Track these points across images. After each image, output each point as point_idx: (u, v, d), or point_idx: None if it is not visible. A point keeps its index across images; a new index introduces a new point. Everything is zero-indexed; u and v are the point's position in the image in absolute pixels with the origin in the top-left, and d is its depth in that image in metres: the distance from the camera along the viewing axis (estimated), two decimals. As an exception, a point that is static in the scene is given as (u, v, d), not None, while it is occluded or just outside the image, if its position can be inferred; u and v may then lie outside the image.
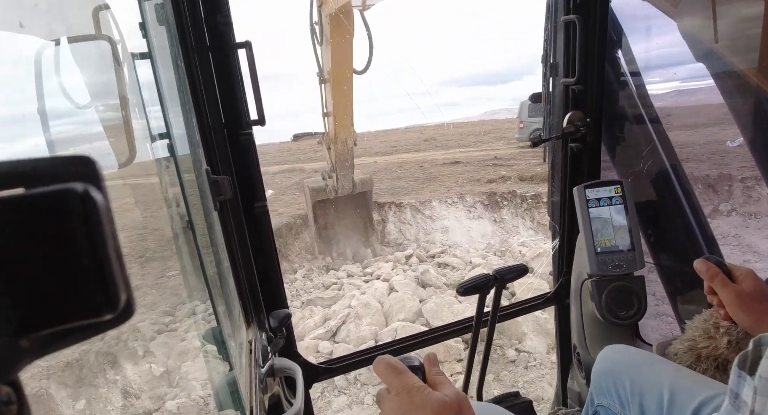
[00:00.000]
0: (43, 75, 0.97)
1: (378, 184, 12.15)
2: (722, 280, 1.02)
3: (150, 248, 6.20)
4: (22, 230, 0.17)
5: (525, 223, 9.82)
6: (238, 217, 1.27)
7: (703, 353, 1.16)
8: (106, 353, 4.20)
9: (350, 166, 8.26)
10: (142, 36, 1.01)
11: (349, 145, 7.92)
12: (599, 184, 1.59)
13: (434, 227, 9.85)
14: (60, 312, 0.17)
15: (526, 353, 4.54)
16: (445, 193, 10.93)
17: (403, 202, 10.30)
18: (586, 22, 1.59)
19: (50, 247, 0.17)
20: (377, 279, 6.97)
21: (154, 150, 1.09)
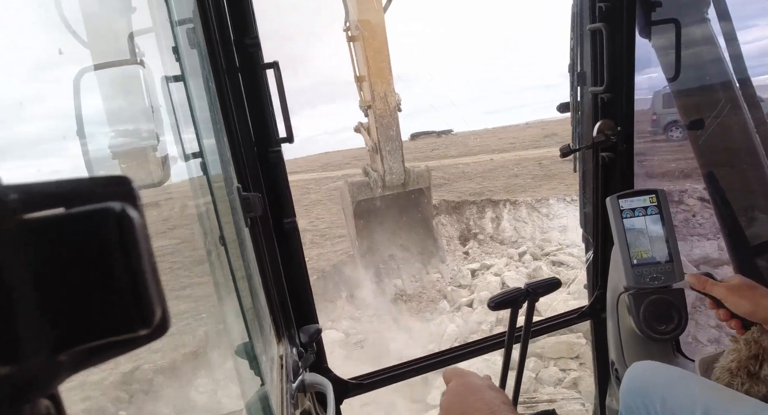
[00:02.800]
0: (81, 98, 1.02)
1: (493, 182, 11.91)
2: (712, 282, 1.14)
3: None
4: (62, 248, 0.17)
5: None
6: (268, 233, 1.29)
7: (732, 366, 1.12)
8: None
9: (396, 138, 6.56)
10: (175, 60, 1.05)
11: (390, 104, 6.44)
12: (633, 193, 1.55)
13: (551, 226, 9.55)
14: (97, 328, 0.17)
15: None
16: (564, 191, 10.56)
17: (519, 199, 10.04)
18: (613, 29, 1.57)
19: (88, 265, 0.17)
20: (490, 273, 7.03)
21: (188, 169, 1.13)
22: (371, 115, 6.51)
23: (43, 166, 0.93)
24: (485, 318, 5.55)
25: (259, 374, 1.03)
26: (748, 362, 1.09)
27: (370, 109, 6.51)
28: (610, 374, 1.81)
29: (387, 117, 6.45)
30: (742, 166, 1.71)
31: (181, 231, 4.29)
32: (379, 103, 6.39)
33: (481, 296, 6.17)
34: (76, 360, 0.18)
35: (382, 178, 6.69)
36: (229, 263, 1.03)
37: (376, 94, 6.35)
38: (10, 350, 0.16)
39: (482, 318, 5.58)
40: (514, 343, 1.56)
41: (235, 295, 1.05)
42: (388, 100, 6.42)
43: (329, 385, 1.22)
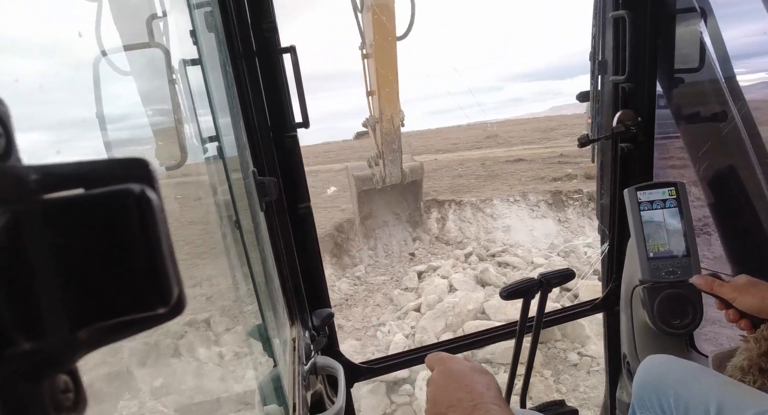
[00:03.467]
0: (101, 82, 1.03)
1: (438, 182, 11.98)
2: (720, 283, 1.15)
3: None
4: (82, 228, 0.17)
5: (592, 223, 9.44)
6: (283, 217, 1.30)
7: (744, 364, 1.11)
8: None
9: (398, 150, 7.67)
10: (192, 43, 1.05)
11: (395, 124, 7.39)
12: (652, 186, 1.52)
13: (495, 226, 9.60)
14: (116, 306, 0.18)
15: (589, 358, 4.43)
16: (507, 191, 10.63)
17: (464, 200, 10.09)
18: (636, 17, 1.53)
19: (108, 244, 0.18)
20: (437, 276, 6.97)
21: (205, 152, 1.13)
22: (378, 129, 7.48)
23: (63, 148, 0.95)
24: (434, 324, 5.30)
25: (272, 356, 1.05)
26: (760, 359, 1.08)
27: (377, 124, 7.46)
28: (622, 367, 1.80)
29: (391, 134, 7.50)
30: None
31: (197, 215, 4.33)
32: (386, 123, 7.37)
33: (429, 299, 5.93)
34: (95, 337, 0.18)
35: (383, 179, 7.88)
36: (244, 246, 1.05)
37: (383, 117, 7.30)
38: (31, 327, 0.16)
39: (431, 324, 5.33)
40: (525, 333, 1.57)
41: (249, 278, 1.06)
42: (394, 121, 7.41)
43: (340, 368, 1.24)
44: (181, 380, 4.32)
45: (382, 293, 7.30)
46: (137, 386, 3.77)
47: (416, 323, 5.51)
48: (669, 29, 1.60)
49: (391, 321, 5.92)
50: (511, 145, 18.40)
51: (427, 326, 5.25)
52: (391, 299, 6.91)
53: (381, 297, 7.17)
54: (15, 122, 0.17)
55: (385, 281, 7.82)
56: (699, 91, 1.67)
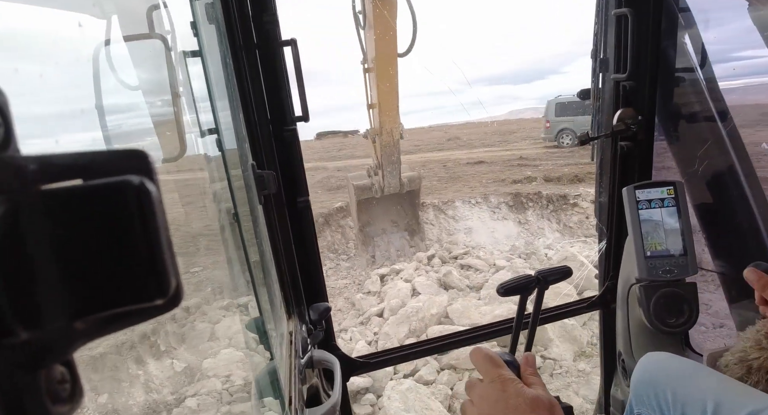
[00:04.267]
0: (100, 72, 1.02)
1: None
2: None
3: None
4: (81, 219, 0.17)
5: (551, 225, 9.54)
6: (281, 211, 1.30)
7: (754, 364, 1.10)
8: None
9: (397, 161, 7.88)
10: (193, 34, 1.04)
11: (395, 137, 7.59)
12: (651, 184, 1.52)
13: (457, 228, 9.64)
14: (113, 297, 0.18)
15: (552, 360, 4.39)
16: (468, 193, 10.70)
17: (426, 202, 10.09)
18: (639, 14, 1.52)
19: (107, 235, 0.18)
20: (400, 279, 6.84)
21: (204, 145, 1.13)
22: (378, 142, 7.67)
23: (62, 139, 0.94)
24: (398, 329, 5.12)
25: (269, 349, 1.05)
26: (750, 357, 1.09)
27: (378, 136, 7.63)
28: (617, 364, 1.81)
29: (391, 146, 7.68)
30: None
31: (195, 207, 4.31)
32: (386, 136, 7.55)
33: (392, 304, 5.70)
34: (93, 327, 0.18)
35: (382, 189, 8.08)
36: (242, 239, 1.05)
37: (383, 130, 7.48)
38: (29, 316, 0.16)
39: (394, 330, 5.14)
40: (521, 330, 1.57)
41: (247, 271, 1.06)
42: (393, 134, 7.58)
43: (337, 362, 1.24)
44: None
45: (343, 297, 7.13)
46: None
47: (379, 329, 5.34)
48: (671, 28, 1.60)
49: (353, 327, 5.69)
50: (472, 148, 18.62)
51: (391, 331, 5.13)
52: (353, 304, 6.72)
53: (343, 302, 6.98)
54: (14, 112, 0.17)
55: (347, 284, 7.69)
56: (700, 90, 1.67)
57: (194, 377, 3.87)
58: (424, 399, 3.79)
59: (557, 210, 9.76)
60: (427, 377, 4.24)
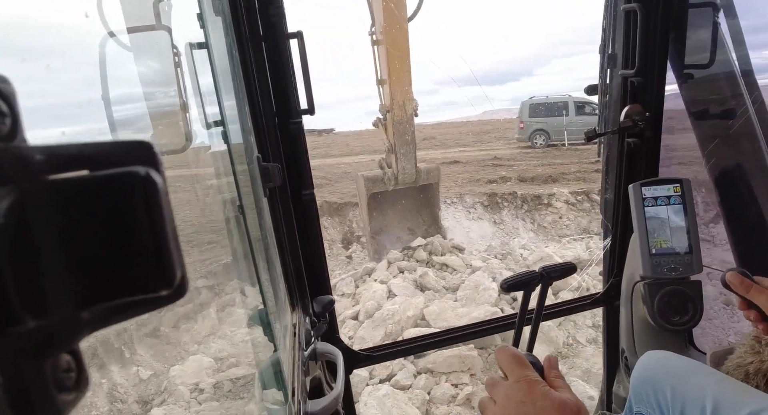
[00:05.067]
0: (106, 63, 1.03)
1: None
2: (758, 288, 1.02)
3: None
4: (87, 209, 0.18)
5: (526, 225, 9.53)
6: (286, 204, 1.30)
7: (750, 369, 1.10)
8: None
9: (411, 142, 7.11)
10: (199, 26, 1.04)
11: (408, 112, 6.90)
12: (657, 182, 1.51)
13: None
14: (119, 287, 0.18)
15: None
16: (444, 193, 10.41)
17: None
18: (648, 10, 1.51)
19: (112, 226, 0.18)
20: (375, 281, 6.61)
21: (209, 137, 1.13)
22: (389, 119, 6.95)
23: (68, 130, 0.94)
24: (374, 333, 4.94)
25: (273, 341, 1.06)
26: (746, 362, 1.08)
27: (388, 113, 6.94)
28: (620, 361, 1.81)
29: (404, 123, 6.91)
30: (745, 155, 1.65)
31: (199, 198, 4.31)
32: (398, 110, 6.84)
33: (368, 306, 5.49)
34: (99, 317, 0.18)
35: (396, 176, 7.25)
36: (247, 231, 1.05)
37: (395, 102, 6.78)
38: (36, 305, 0.16)
39: (370, 333, 4.95)
40: (524, 325, 1.57)
41: (251, 263, 1.07)
42: (406, 107, 6.87)
43: (340, 355, 1.25)
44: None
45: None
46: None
47: (354, 333, 5.11)
48: (681, 24, 1.58)
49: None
50: (447, 147, 18.55)
51: (366, 335, 4.95)
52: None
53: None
54: (20, 102, 0.17)
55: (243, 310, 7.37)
56: (710, 86, 1.65)
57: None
58: (402, 405, 3.71)
59: (531, 210, 9.76)
60: (404, 381, 4.16)
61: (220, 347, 4.87)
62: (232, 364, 4.37)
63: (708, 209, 1.84)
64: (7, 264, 0.16)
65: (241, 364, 4.55)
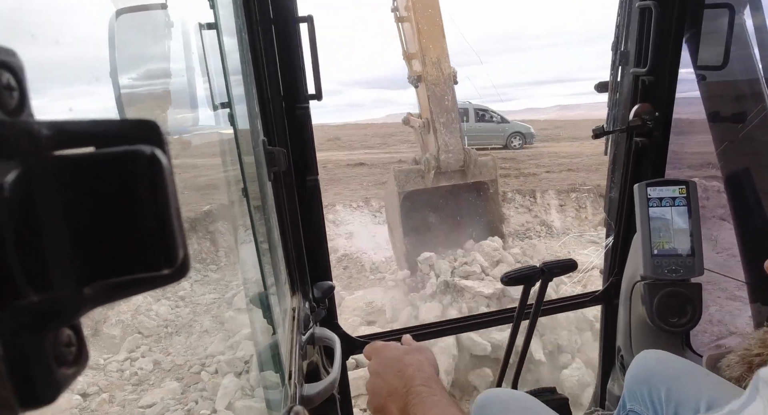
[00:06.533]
0: (116, 40, 1.02)
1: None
2: None
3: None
4: (92, 186, 0.18)
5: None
6: (290, 188, 1.30)
7: (755, 361, 1.09)
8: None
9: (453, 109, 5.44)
10: (209, 6, 1.03)
11: (445, 72, 5.50)
12: (663, 182, 1.51)
13: (338, 233, 9.31)
14: (123, 264, 0.18)
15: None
16: (350, 196, 10.42)
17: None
18: (664, 8, 1.48)
19: (117, 204, 0.18)
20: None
21: (216, 119, 1.13)
22: (422, 86, 5.61)
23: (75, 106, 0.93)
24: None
25: (272, 324, 1.07)
26: (753, 353, 1.08)
27: (420, 81, 5.64)
28: (616, 359, 1.82)
29: (441, 84, 5.47)
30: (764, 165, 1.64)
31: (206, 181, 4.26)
32: (432, 69, 5.47)
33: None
34: (101, 294, 0.18)
35: (436, 158, 5.51)
36: (251, 215, 1.05)
37: (428, 60, 5.46)
38: (39, 280, 0.17)
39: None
40: (522, 320, 1.58)
41: (254, 246, 1.07)
42: (442, 66, 5.52)
43: (337, 340, 1.26)
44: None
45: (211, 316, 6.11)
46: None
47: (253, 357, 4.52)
48: (696, 23, 1.56)
49: (220, 355, 4.81)
50: (353, 149, 18.32)
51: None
52: (223, 323, 5.64)
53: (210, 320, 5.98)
54: (28, 77, 0.17)
55: (215, 299, 6.51)
56: (724, 88, 1.63)
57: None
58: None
59: None
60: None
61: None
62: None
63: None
64: (11, 238, 0.16)
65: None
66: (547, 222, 9.75)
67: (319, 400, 0.96)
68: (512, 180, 11.43)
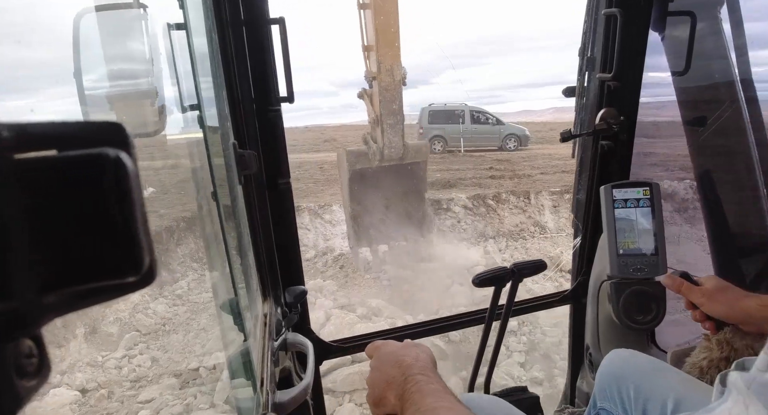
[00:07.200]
0: (80, 40, 0.99)
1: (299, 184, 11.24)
2: (688, 286, 1.15)
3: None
4: (55, 190, 0.17)
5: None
6: (261, 192, 1.29)
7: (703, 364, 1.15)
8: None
9: (399, 112, 6.58)
10: (179, 6, 1.01)
11: (396, 78, 6.40)
12: (628, 184, 1.55)
13: (334, 233, 9.47)
14: (86, 271, 0.18)
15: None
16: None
17: (301, 205, 9.75)
18: (628, 15, 1.54)
19: (80, 208, 0.17)
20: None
21: (184, 121, 1.11)
22: (376, 86, 6.52)
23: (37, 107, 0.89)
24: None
25: (243, 330, 1.05)
26: (720, 362, 1.12)
27: (375, 80, 6.52)
28: (584, 357, 1.86)
29: (391, 90, 6.46)
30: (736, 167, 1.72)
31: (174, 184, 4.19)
32: (385, 75, 6.37)
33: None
34: (63, 302, 0.18)
35: (381, 151, 6.76)
36: (220, 219, 1.03)
37: (382, 67, 6.34)
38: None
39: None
40: (494, 321, 1.60)
41: (224, 251, 1.05)
42: (394, 73, 6.40)
43: (310, 345, 1.25)
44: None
45: (208, 314, 6.29)
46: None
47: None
48: (659, 30, 1.62)
49: (218, 352, 5.02)
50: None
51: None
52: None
53: (207, 319, 6.19)
54: (-14, 76, 0.17)
55: (213, 298, 6.88)
56: (687, 93, 1.70)
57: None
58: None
59: (435, 214, 9.81)
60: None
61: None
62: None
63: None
64: None
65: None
66: (541, 223, 9.94)
67: (291, 407, 0.95)
68: (507, 181, 11.63)
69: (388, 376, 0.75)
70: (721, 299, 1.09)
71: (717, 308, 1.09)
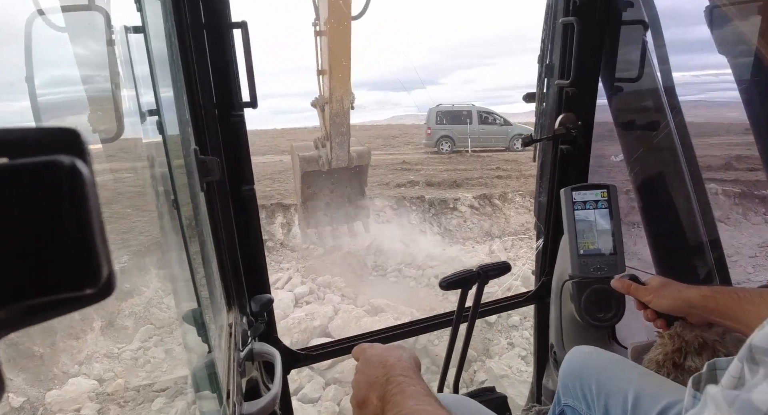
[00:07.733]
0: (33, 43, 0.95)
1: (284, 185, 11.73)
2: (636, 287, 1.21)
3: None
4: (5, 199, 0.16)
5: (432, 228, 9.92)
6: (224, 199, 1.26)
7: (659, 358, 1.20)
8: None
9: (346, 133, 7.68)
10: (136, 9, 0.99)
11: (345, 106, 7.39)
12: (586, 187, 1.60)
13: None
14: (40, 284, 0.17)
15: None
16: None
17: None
18: (585, 24, 1.59)
19: (33, 218, 0.17)
20: (283, 290, 6.75)
21: (143, 126, 1.08)
22: (327, 110, 7.42)
23: None
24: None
25: (207, 342, 1.02)
26: (674, 354, 1.18)
27: (327, 104, 7.40)
28: (549, 356, 1.90)
29: (341, 116, 7.44)
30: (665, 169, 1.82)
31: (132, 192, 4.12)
32: (335, 104, 7.28)
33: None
34: (16, 317, 0.17)
35: (329, 162, 7.83)
36: (182, 227, 1.01)
37: (333, 97, 7.23)
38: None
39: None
40: (461, 323, 1.61)
41: (186, 260, 1.02)
42: (344, 102, 7.36)
43: (278, 355, 1.22)
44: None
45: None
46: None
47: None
48: (614, 39, 1.69)
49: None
50: None
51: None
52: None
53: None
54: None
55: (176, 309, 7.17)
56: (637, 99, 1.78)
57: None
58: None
59: (438, 214, 10.14)
60: (312, 394, 4.13)
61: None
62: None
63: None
64: None
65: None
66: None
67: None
68: (513, 181, 11.81)
69: (371, 377, 0.75)
70: (665, 294, 1.14)
71: (663, 303, 1.14)
